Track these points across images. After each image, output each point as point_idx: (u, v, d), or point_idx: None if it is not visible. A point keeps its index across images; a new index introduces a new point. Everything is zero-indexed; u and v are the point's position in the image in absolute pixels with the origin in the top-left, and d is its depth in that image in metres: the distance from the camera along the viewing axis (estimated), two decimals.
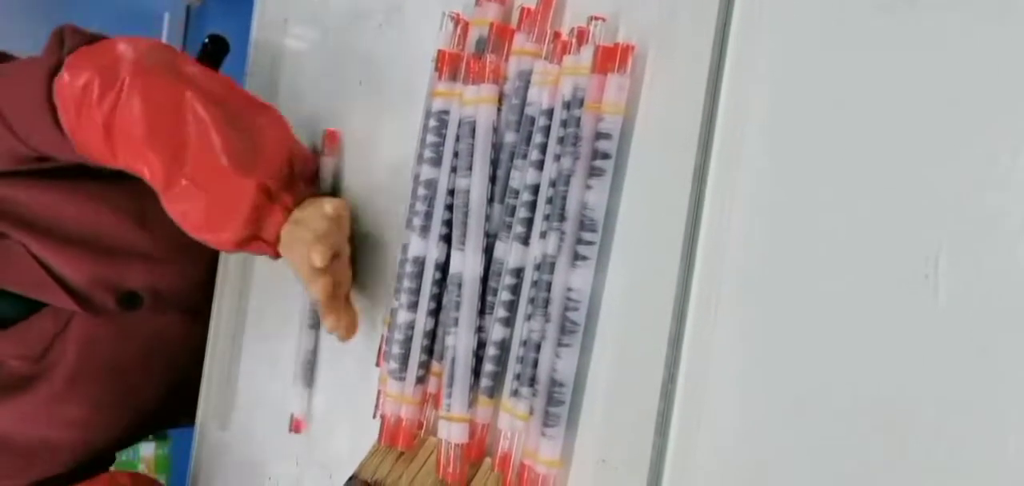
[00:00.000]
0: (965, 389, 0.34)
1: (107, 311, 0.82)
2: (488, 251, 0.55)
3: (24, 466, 0.83)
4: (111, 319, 0.83)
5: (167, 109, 0.63)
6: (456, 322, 0.54)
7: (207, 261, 0.88)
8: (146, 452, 2.58)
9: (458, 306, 0.54)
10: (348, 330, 0.65)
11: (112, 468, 0.94)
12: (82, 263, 0.79)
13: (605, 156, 0.48)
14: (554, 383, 0.49)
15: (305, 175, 0.68)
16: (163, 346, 0.89)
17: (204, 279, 0.89)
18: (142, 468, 2.56)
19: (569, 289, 0.49)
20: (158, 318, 0.87)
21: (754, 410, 0.41)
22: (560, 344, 0.49)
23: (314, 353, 0.73)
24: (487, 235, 0.55)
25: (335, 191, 0.72)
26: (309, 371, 0.73)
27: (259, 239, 0.65)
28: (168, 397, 0.92)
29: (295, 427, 0.72)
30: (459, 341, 0.53)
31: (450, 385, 0.53)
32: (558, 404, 0.49)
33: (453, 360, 0.53)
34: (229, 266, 0.88)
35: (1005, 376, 0.33)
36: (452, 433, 0.53)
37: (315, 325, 0.72)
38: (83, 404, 0.83)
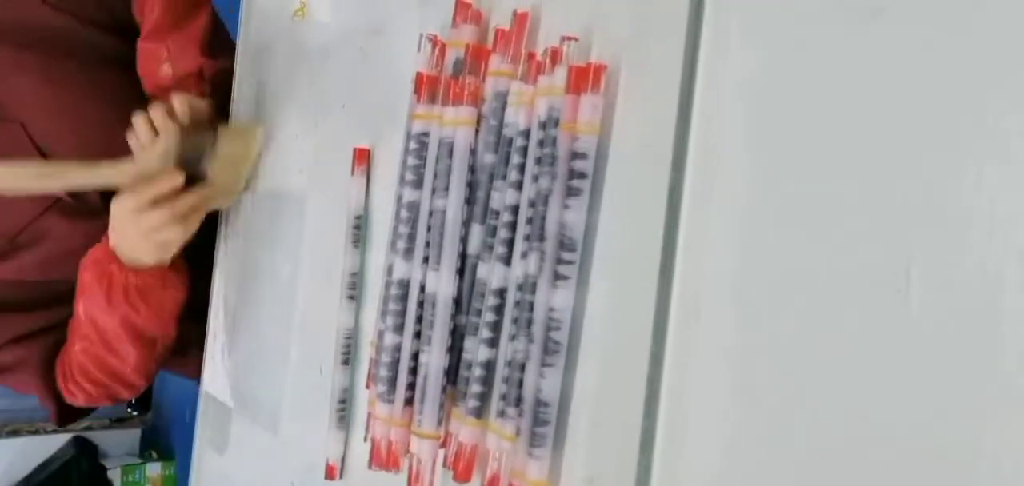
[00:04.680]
0: (940, 402, 0.34)
1: (90, 206, 0.82)
2: (472, 272, 0.55)
3: None
4: (92, 216, 0.83)
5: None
6: (430, 340, 0.54)
7: None
8: (152, 472, 2.59)
9: (432, 324, 0.54)
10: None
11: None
12: (78, 152, 0.80)
13: (582, 176, 0.48)
14: (539, 403, 0.49)
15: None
16: None
17: None
18: None
19: (551, 309, 0.49)
20: None
21: (736, 425, 0.41)
22: (544, 364, 0.49)
23: (349, 392, 0.68)
24: (469, 256, 0.55)
25: (364, 211, 0.69)
26: (344, 412, 0.68)
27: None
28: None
29: (329, 473, 0.68)
30: (431, 359, 0.54)
31: (421, 402, 0.54)
32: (544, 424, 0.49)
33: (425, 377, 0.54)
34: (226, 290, 0.88)
35: (979, 388, 0.33)
36: (422, 449, 0.53)
37: (347, 361, 0.68)
38: (49, 292, 0.84)
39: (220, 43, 0.91)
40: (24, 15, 0.81)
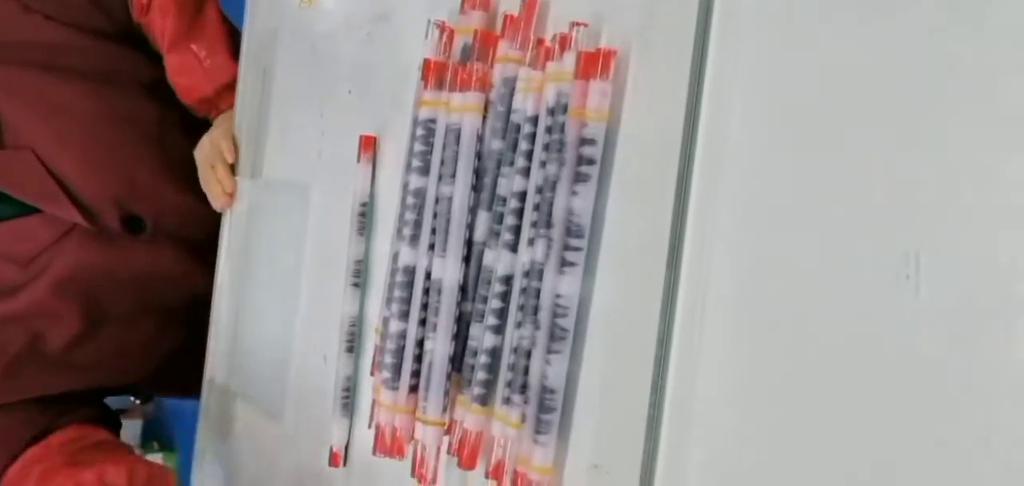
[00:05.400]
0: (948, 389, 0.34)
1: (109, 232, 0.82)
2: (478, 259, 0.55)
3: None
4: (110, 241, 0.83)
5: None
6: (435, 327, 0.54)
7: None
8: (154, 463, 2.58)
9: (437, 311, 0.54)
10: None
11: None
12: (93, 176, 0.80)
13: (590, 162, 0.48)
14: (545, 390, 0.49)
15: None
16: (158, 282, 0.89)
17: (205, 218, 0.89)
18: None
19: (557, 295, 0.49)
20: (157, 250, 0.87)
21: (742, 412, 0.41)
22: (550, 351, 0.49)
23: (353, 379, 0.68)
24: (475, 243, 0.55)
25: (370, 198, 0.69)
26: (348, 399, 0.68)
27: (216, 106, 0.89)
28: (157, 347, 0.91)
29: (333, 460, 0.68)
30: (436, 345, 0.54)
31: (426, 388, 0.55)
32: (549, 411, 0.49)
33: (430, 364, 0.54)
34: (225, 287, 0.88)
35: (987, 373, 0.32)
36: (427, 436, 0.54)
37: (351, 349, 0.68)
38: (67, 323, 0.82)
39: (232, 30, 0.91)
40: (18, 31, 0.80)
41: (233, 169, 0.86)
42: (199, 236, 0.90)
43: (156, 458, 2.58)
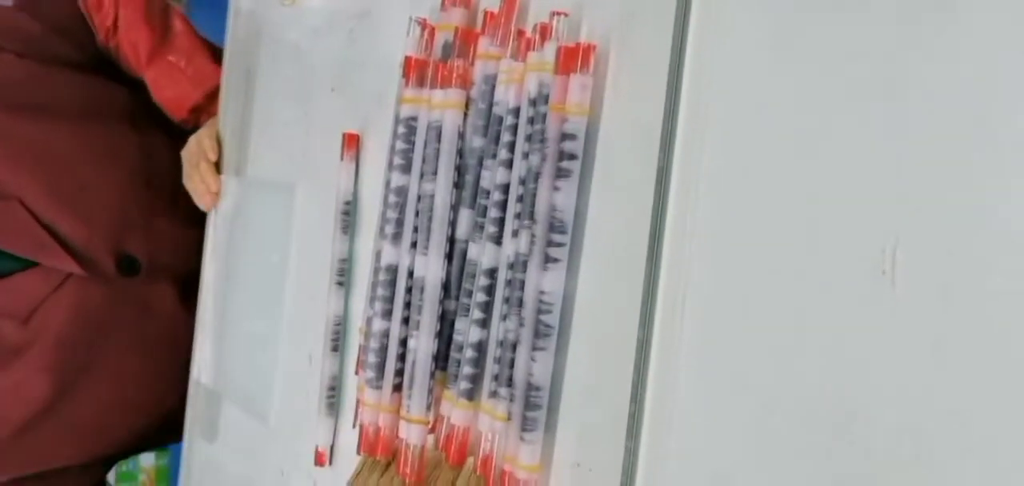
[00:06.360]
0: (925, 383, 0.33)
1: (105, 275, 0.81)
2: (461, 256, 0.55)
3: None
4: (106, 285, 0.82)
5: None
6: (418, 326, 0.54)
7: (202, 233, 0.88)
8: (146, 462, 2.58)
9: (420, 309, 0.54)
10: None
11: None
12: (83, 221, 0.79)
13: (571, 157, 0.48)
14: (531, 387, 0.49)
15: None
16: (156, 321, 0.88)
17: (198, 250, 0.89)
18: (142, 479, 2.56)
19: (542, 292, 0.48)
20: (153, 288, 0.86)
21: (721, 410, 0.41)
22: (535, 348, 0.48)
23: (338, 379, 0.68)
24: (458, 240, 0.54)
25: (354, 196, 0.68)
26: (333, 399, 0.68)
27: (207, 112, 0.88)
28: (157, 386, 0.90)
29: (318, 460, 0.67)
30: (420, 344, 0.54)
31: (410, 387, 0.54)
32: (535, 408, 0.49)
33: (413, 363, 0.54)
34: (212, 274, 0.88)
35: (964, 369, 0.32)
36: (411, 434, 0.54)
37: (336, 348, 0.68)
38: (69, 379, 0.80)
39: (203, 38, 0.90)
40: None
41: (218, 168, 0.85)
42: (195, 270, 0.90)
43: (147, 458, 2.57)
